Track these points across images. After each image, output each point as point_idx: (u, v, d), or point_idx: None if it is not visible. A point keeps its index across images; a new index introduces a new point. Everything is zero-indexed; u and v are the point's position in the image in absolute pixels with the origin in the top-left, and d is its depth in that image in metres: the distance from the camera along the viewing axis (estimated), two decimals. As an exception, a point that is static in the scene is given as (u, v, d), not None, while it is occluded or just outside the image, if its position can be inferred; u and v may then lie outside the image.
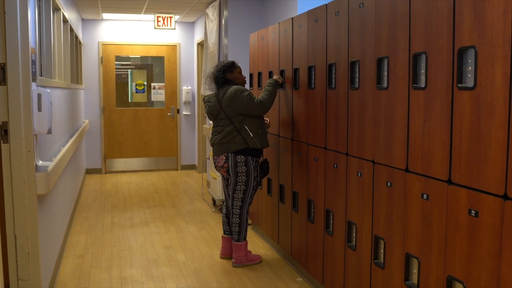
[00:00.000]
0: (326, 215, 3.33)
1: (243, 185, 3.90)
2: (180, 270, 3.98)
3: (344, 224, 3.08)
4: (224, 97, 3.87)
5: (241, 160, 3.86)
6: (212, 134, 4.03)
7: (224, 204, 4.22)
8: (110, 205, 6.25)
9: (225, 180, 4.08)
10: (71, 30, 6.18)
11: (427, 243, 2.26)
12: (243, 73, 4.94)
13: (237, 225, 3.97)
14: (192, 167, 8.91)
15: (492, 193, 1.88)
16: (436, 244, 2.20)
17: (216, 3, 6.19)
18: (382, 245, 2.66)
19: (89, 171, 8.44)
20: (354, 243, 2.98)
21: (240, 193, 3.92)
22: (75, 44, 6.83)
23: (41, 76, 3.82)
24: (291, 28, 3.84)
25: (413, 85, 2.34)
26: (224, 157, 3.90)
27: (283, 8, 5.33)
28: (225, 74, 3.96)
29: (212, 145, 4.02)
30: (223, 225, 4.20)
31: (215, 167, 4.05)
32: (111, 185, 7.56)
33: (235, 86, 3.89)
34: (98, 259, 4.25)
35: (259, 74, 4.59)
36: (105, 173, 8.53)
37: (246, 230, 4.01)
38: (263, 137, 3.93)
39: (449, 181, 2.12)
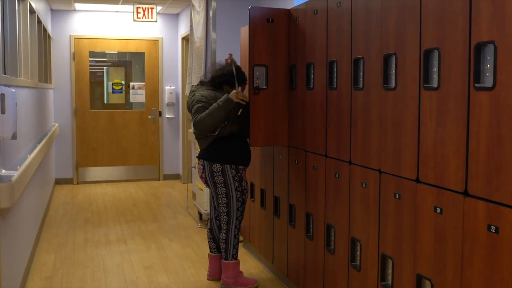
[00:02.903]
0: (326, 231, 3.32)
1: (223, 197, 3.89)
2: (161, 294, 3.95)
3: (347, 241, 3.07)
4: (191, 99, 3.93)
5: (217, 169, 3.84)
6: None
7: (209, 217, 4.20)
8: (83, 219, 6.20)
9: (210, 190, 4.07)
10: (39, 22, 6.15)
11: (441, 262, 2.25)
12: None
13: (223, 241, 3.95)
14: (176, 176, 8.87)
15: (514, 207, 1.88)
16: (451, 264, 2.19)
17: (203, -7, 6.19)
18: (390, 265, 2.65)
19: (59, 182, 8.39)
20: (358, 262, 2.97)
21: (224, 206, 3.91)
22: (44, 38, 6.80)
23: (5, 74, 3.79)
24: (287, 21, 3.84)
25: (424, 85, 2.34)
26: (202, 165, 3.90)
27: (278, -1, 5.33)
28: (222, 83, 3.93)
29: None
30: (208, 242, 4.18)
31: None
32: (84, 197, 7.51)
33: (202, 93, 3.87)
34: (68, 281, 4.21)
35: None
36: (77, 183, 8.48)
37: (235, 248, 3.97)
38: (234, 150, 3.84)
39: (465, 193, 2.11)
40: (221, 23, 5.94)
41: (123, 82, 8.83)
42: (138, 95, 8.76)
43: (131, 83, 8.79)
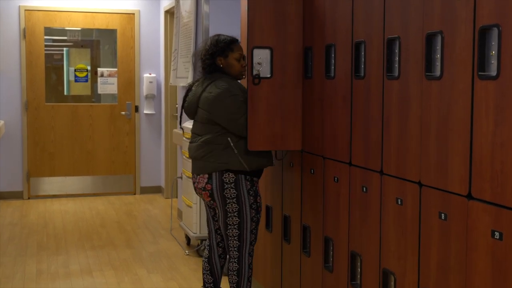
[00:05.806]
0: (351, 260, 3.32)
1: (235, 216, 3.86)
2: None
3: (377, 274, 3.07)
4: (203, 96, 3.86)
5: (229, 180, 3.83)
6: (190, 141, 4.01)
7: (208, 243, 4.17)
8: (36, 245, 6.20)
9: (210, 208, 4.04)
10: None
11: (499, 302, 2.24)
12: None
13: (235, 273, 3.93)
14: (156, 189, 8.87)
15: None
16: (512, 305, 2.18)
17: (193, -47, 6.20)
18: (433, 306, 2.65)
19: (4, 196, 8.39)
20: (392, 302, 2.97)
21: (235, 228, 3.88)
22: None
23: None
24: (301, -10, 3.85)
25: (479, 73, 2.34)
26: (207, 175, 3.87)
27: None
28: (214, 59, 3.92)
29: (190, 157, 4.01)
30: (203, 275, 4.15)
31: (195, 189, 4.03)
32: (38, 215, 7.51)
33: (222, 85, 3.82)
34: (17, 325, 4.21)
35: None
36: (29, 198, 8.48)
37: (249, 281, 3.94)
38: (254, 154, 3.84)
39: (532, 213, 2.11)
40: (216, -8, 5.95)
41: (89, 68, 8.83)
42: (108, 84, 8.76)
43: (99, 69, 8.79)
